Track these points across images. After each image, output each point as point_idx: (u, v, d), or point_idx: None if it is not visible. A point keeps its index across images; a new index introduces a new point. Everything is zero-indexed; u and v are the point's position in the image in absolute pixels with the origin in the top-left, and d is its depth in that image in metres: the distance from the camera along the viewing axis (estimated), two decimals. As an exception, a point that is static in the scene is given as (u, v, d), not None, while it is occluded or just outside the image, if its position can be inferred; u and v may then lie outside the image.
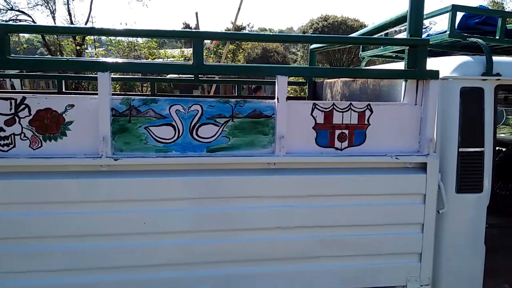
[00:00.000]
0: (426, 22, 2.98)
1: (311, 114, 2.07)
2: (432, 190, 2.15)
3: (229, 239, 2.07)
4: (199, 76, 4.13)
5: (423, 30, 2.52)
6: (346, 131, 2.11)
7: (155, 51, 18.54)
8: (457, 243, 2.29)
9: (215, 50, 19.90)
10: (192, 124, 1.98)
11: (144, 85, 17.06)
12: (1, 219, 1.88)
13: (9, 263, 1.91)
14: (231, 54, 22.50)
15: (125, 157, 1.93)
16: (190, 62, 2.00)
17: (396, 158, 2.12)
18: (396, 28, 2.65)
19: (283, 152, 2.03)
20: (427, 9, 2.27)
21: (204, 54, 2.07)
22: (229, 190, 2.03)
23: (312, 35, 2.53)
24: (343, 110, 2.09)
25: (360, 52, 3.95)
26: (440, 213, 2.20)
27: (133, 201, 1.96)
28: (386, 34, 3.05)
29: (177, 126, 1.97)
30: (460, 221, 2.28)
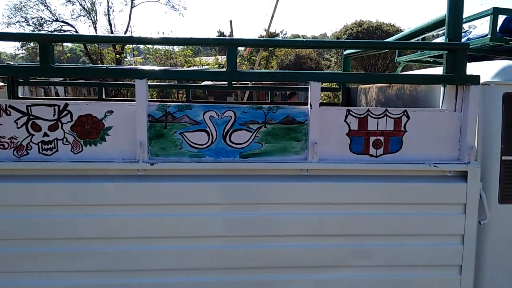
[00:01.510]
0: (465, 26, 2.89)
1: (345, 120, 2.04)
2: (473, 200, 2.06)
3: (261, 245, 2.07)
4: (233, 82, 4.20)
5: (462, 34, 2.44)
6: (382, 138, 2.06)
7: (190, 58, 18.95)
8: (500, 256, 2.18)
9: (248, 57, 20.11)
10: (226, 130, 2.00)
11: (180, 92, 17.46)
12: (44, 220, 1.96)
13: (47, 263, 1.99)
14: (264, 61, 22.62)
15: (161, 161, 1.97)
16: (224, 69, 2.03)
17: (434, 166, 2.05)
18: (434, 33, 2.57)
19: (316, 159, 2.01)
20: (466, 13, 2.20)
21: (238, 61, 2.09)
22: (261, 196, 2.03)
23: (346, 40, 2.50)
24: (379, 116, 2.05)
25: (396, 57, 3.87)
26: (482, 224, 2.10)
27: (168, 205, 2.00)
28: (424, 39, 2.97)
29: (211, 132, 2.00)
30: (503, 233, 2.17)
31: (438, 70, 2.51)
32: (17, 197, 1.93)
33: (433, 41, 3.51)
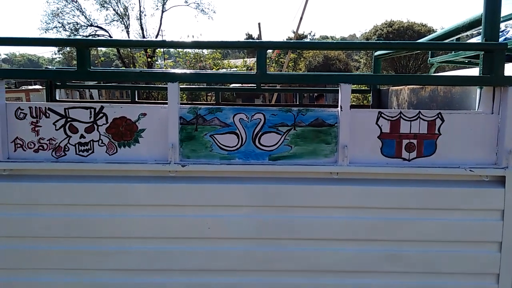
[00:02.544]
0: (502, 26, 2.78)
1: (376, 123, 2.01)
2: None
3: (289, 248, 2.06)
4: (261, 85, 4.21)
5: (499, 33, 2.35)
6: (415, 141, 2.01)
7: (219, 61, 19.15)
8: (541, 266, 2.08)
9: (276, 59, 20.11)
10: (255, 133, 2.01)
11: (209, 94, 17.66)
12: (79, 220, 2.03)
13: (80, 261, 2.06)
14: (292, 63, 22.58)
15: (192, 163, 2.00)
16: (253, 72, 2.04)
17: (470, 170, 1.98)
18: (468, 33, 2.50)
19: (346, 162, 1.98)
20: (503, 12, 2.12)
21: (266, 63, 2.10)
22: (290, 199, 2.03)
23: (376, 41, 2.46)
24: (411, 119, 2.00)
25: (429, 58, 3.77)
26: (521, 231, 2.01)
27: (198, 206, 2.03)
28: (458, 39, 2.89)
29: (241, 134, 2.01)
30: None
31: (473, 71, 2.43)
32: (55, 196, 2.01)
33: (468, 41, 3.41)
